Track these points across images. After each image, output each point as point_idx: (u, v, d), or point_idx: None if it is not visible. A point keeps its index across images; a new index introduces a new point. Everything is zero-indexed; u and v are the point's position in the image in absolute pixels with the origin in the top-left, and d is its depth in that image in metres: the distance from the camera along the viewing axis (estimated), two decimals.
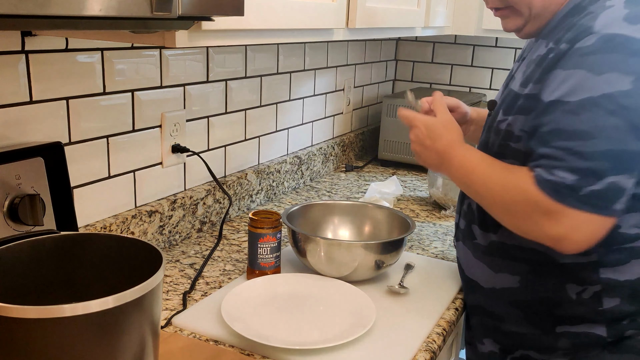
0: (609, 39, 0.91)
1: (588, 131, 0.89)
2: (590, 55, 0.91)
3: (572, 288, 1.02)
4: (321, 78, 1.98)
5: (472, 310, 1.20)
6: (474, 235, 1.13)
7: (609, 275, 0.99)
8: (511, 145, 1.03)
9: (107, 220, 1.25)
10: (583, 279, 1.00)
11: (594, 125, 0.89)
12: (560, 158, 0.91)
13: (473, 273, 1.15)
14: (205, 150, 1.51)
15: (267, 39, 1.08)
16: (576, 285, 1.01)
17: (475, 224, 1.13)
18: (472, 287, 1.17)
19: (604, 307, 1.00)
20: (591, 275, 1.00)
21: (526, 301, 1.07)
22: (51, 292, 0.84)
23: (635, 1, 0.94)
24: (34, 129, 1.08)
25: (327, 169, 2.08)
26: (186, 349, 0.98)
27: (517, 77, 1.08)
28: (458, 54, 2.43)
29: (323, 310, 1.12)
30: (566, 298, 1.02)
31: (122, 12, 0.68)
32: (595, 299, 1.01)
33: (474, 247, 1.13)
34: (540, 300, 1.05)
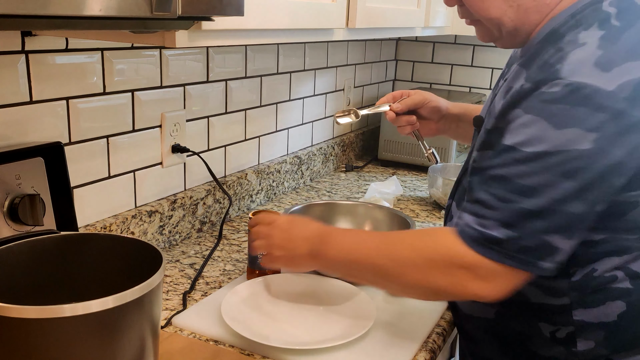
0: (576, 89, 0.81)
1: (533, 187, 0.84)
2: (553, 104, 0.83)
3: (545, 327, 0.97)
4: (321, 78, 1.98)
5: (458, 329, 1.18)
6: None
7: (583, 318, 0.94)
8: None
9: (107, 220, 1.25)
10: (556, 319, 0.96)
11: (542, 182, 0.83)
12: (495, 207, 0.86)
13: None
14: (205, 150, 1.51)
15: (267, 39, 1.08)
16: (549, 325, 0.97)
17: None
18: (453, 307, 1.15)
19: (578, 348, 0.96)
20: (564, 317, 0.95)
21: (502, 332, 1.04)
22: (51, 292, 0.84)
23: (613, 37, 0.85)
24: (34, 129, 1.08)
25: (327, 169, 2.08)
26: (186, 349, 0.98)
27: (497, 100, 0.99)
28: (458, 54, 2.43)
29: (323, 310, 1.12)
30: (540, 335, 0.98)
31: (122, 12, 0.68)
32: (569, 340, 0.96)
33: None
34: (515, 334, 1.02)
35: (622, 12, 0.87)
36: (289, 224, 1.04)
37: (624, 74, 0.82)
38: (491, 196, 0.87)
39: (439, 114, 1.29)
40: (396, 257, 0.93)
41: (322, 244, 0.99)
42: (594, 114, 0.81)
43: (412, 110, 1.29)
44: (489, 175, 0.88)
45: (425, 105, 1.27)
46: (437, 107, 1.28)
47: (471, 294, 0.89)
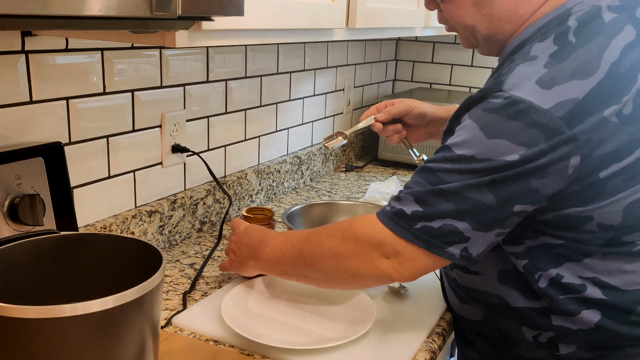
0: (513, 102, 0.83)
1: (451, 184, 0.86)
2: (490, 113, 0.85)
3: (527, 331, 0.98)
4: (321, 78, 1.98)
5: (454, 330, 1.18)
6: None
7: (562, 324, 0.94)
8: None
9: (107, 220, 1.25)
10: (536, 324, 0.96)
11: (461, 184, 0.85)
12: (411, 187, 0.90)
13: (447, 296, 1.14)
14: (205, 150, 1.51)
15: (267, 39, 1.08)
16: (531, 329, 0.97)
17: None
18: (449, 309, 1.16)
19: (561, 352, 0.96)
20: (544, 321, 0.95)
21: (490, 335, 1.04)
22: (51, 292, 0.84)
23: (563, 54, 0.85)
24: (34, 129, 1.08)
25: (327, 169, 2.08)
26: (186, 349, 0.98)
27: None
28: (458, 54, 2.43)
29: (323, 310, 1.12)
30: (524, 340, 0.99)
31: (122, 12, 0.68)
32: (551, 344, 0.97)
33: (445, 273, 1.12)
34: (502, 337, 1.02)
35: (582, 26, 0.87)
36: (244, 232, 1.12)
37: (565, 93, 0.82)
38: (413, 182, 0.90)
39: (425, 119, 1.29)
40: (315, 244, 0.97)
41: (259, 246, 1.06)
42: (527, 129, 0.82)
43: (398, 119, 1.30)
44: (422, 167, 0.91)
45: (409, 113, 1.27)
46: (422, 113, 1.28)
47: (383, 274, 0.91)
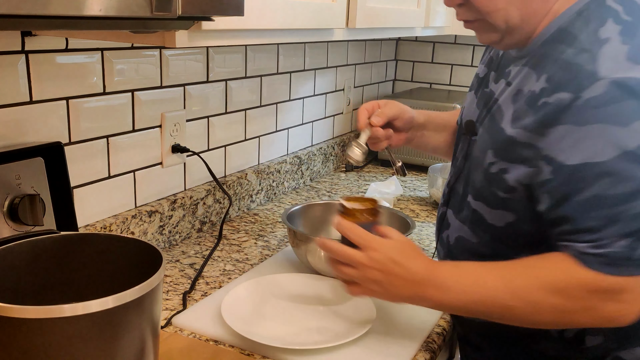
0: (621, 85, 0.80)
1: (631, 192, 0.81)
2: (606, 106, 0.81)
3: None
4: (321, 78, 1.98)
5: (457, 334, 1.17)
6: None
7: None
8: (499, 194, 0.94)
9: (107, 220, 1.25)
10: None
11: (635, 182, 0.81)
12: (605, 228, 0.83)
13: None
14: (205, 150, 1.51)
15: (267, 39, 1.08)
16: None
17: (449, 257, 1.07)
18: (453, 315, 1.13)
19: (587, 345, 0.96)
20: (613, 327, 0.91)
21: (506, 336, 1.03)
22: (51, 292, 0.84)
23: (630, 31, 0.85)
24: (34, 129, 1.08)
25: (327, 169, 2.08)
26: (186, 349, 0.98)
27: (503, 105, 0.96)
28: (458, 54, 2.43)
29: (323, 310, 1.12)
30: (547, 336, 0.98)
31: (122, 12, 0.68)
32: (577, 338, 0.96)
33: None
34: (521, 337, 1.01)
35: (627, 8, 0.87)
36: (389, 259, 0.92)
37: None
38: (595, 220, 0.83)
39: (411, 124, 1.22)
40: (527, 298, 0.87)
41: (431, 288, 0.91)
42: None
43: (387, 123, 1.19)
44: (577, 201, 0.84)
45: (400, 117, 1.18)
46: (411, 117, 1.21)
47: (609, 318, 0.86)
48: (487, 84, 1.06)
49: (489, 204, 0.96)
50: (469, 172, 1.03)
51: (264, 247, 1.43)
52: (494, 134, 0.96)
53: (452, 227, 1.07)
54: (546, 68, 0.89)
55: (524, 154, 0.89)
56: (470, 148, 1.04)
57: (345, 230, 0.96)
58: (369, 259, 0.92)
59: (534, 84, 0.90)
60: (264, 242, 1.45)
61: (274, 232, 1.52)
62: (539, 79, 0.90)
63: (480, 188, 0.98)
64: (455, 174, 1.08)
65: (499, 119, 0.95)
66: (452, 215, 1.07)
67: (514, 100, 0.93)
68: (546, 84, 0.87)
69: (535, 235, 0.93)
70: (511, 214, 0.94)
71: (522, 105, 0.91)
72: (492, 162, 0.94)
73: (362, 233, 0.95)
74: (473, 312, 0.92)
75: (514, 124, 0.91)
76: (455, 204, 1.07)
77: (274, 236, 1.50)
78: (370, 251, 0.93)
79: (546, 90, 0.87)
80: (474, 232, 1.01)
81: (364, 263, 0.92)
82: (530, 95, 0.90)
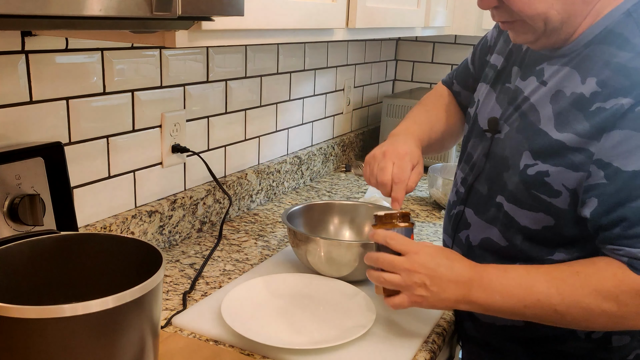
0: None
1: None
2: None
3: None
4: (321, 78, 1.98)
5: (466, 338, 1.15)
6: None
7: None
8: (543, 198, 0.91)
9: (107, 220, 1.25)
10: None
11: None
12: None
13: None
14: (205, 150, 1.51)
15: (267, 39, 1.08)
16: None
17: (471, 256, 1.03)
18: (468, 316, 1.11)
19: (613, 345, 0.96)
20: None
21: (530, 338, 1.02)
22: (51, 292, 0.84)
23: None
24: (34, 129, 1.08)
25: (327, 169, 2.08)
26: (186, 349, 0.98)
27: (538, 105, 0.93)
28: (458, 54, 2.43)
29: (323, 310, 1.12)
30: (574, 337, 0.97)
31: (122, 12, 0.68)
32: (604, 339, 0.96)
33: None
34: (545, 338, 1.00)
35: None
36: (432, 259, 0.91)
37: None
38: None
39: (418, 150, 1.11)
40: (579, 303, 0.86)
41: (477, 289, 0.90)
42: None
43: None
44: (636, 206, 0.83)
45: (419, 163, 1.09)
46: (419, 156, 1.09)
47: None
48: (509, 79, 1.03)
49: (525, 207, 0.94)
50: (494, 172, 1.00)
51: (264, 247, 1.43)
52: (531, 136, 0.93)
53: (473, 227, 1.05)
54: (593, 70, 0.87)
55: (574, 159, 0.87)
56: (493, 146, 1.01)
57: (383, 237, 0.94)
58: (413, 262, 0.90)
59: (578, 85, 0.88)
60: (264, 242, 1.45)
61: (274, 232, 1.52)
62: (585, 81, 0.88)
63: (514, 190, 0.95)
64: (474, 173, 1.05)
65: (535, 119, 0.93)
66: (472, 215, 1.05)
67: (553, 101, 0.91)
68: (598, 88, 0.86)
69: (569, 238, 0.92)
70: (550, 218, 0.92)
71: (567, 108, 0.89)
72: (530, 165, 0.92)
73: (402, 239, 0.93)
74: (520, 316, 0.90)
75: (562, 127, 0.89)
76: (476, 204, 1.04)
77: (274, 236, 1.50)
78: (413, 255, 0.91)
79: (600, 95, 0.85)
80: (504, 235, 0.99)
81: (408, 268, 0.90)
82: (578, 99, 0.88)
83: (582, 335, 0.97)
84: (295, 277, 1.21)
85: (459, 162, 1.14)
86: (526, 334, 1.02)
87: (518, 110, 0.97)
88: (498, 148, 1.00)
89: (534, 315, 0.89)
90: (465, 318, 1.13)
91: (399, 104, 2.14)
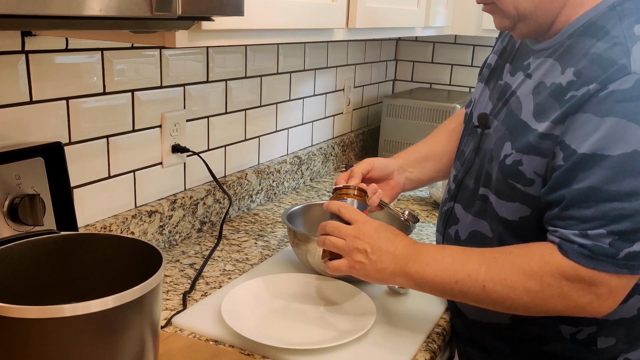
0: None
1: (630, 191, 0.80)
2: (630, 101, 0.80)
3: (565, 329, 0.97)
4: (321, 78, 1.98)
5: (457, 336, 1.16)
6: None
7: (607, 317, 0.93)
8: (518, 187, 0.93)
9: (107, 220, 1.25)
10: (578, 321, 0.95)
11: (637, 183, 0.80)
12: (595, 220, 0.83)
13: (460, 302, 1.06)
14: (205, 150, 1.51)
15: (267, 39, 1.08)
16: (570, 327, 0.96)
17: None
18: (457, 314, 1.12)
19: (598, 346, 0.96)
20: (588, 317, 0.93)
21: (516, 337, 1.03)
22: (51, 292, 0.84)
23: None
24: (34, 129, 1.08)
25: (327, 169, 2.08)
26: (186, 349, 0.98)
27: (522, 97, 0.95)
28: (458, 54, 2.43)
29: (323, 310, 1.12)
30: (559, 338, 0.98)
31: (122, 12, 0.68)
32: (589, 340, 0.96)
33: None
34: (531, 338, 1.01)
35: None
36: (376, 231, 0.97)
37: None
38: (588, 210, 0.83)
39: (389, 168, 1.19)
40: (505, 281, 0.88)
41: (414, 263, 0.94)
42: None
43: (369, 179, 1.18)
44: (576, 189, 0.84)
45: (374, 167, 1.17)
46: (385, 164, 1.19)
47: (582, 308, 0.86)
48: (501, 76, 1.04)
49: (503, 197, 0.95)
50: (481, 165, 1.01)
51: (264, 247, 1.43)
52: (512, 126, 0.94)
53: (461, 222, 1.05)
54: (572, 61, 0.88)
55: (542, 145, 0.88)
56: (482, 141, 1.02)
57: (337, 207, 1.01)
58: (358, 231, 0.97)
59: (558, 76, 0.89)
60: (264, 242, 1.45)
61: (274, 232, 1.52)
62: (565, 71, 0.89)
63: (496, 181, 0.97)
64: (464, 169, 1.07)
65: (517, 111, 0.94)
66: (460, 210, 1.06)
67: (534, 93, 0.92)
68: (574, 77, 0.87)
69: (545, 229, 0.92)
70: (526, 208, 0.93)
71: (545, 98, 0.90)
72: (508, 154, 0.93)
73: (353, 210, 1.00)
74: (450, 293, 0.93)
75: (539, 117, 0.90)
76: (464, 198, 1.05)
77: (274, 236, 1.50)
78: (360, 224, 0.98)
79: (574, 84, 0.86)
80: (490, 227, 1.00)
81: (353, 234, 0.97)
82: (555, 88, 0.89)
83: (566, 335, 0.97)
84: (295, 277, 1.21)
85: (454, 161, 1.15)
86: (512, 333, 1.03)
87: (506, 104, 0.99)
88: (486, 143, 1.01)
89: (462, 291, 0.91)
90: (454, 315, 1.13)
91: (399, 104, 2.14)
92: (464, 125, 1.14)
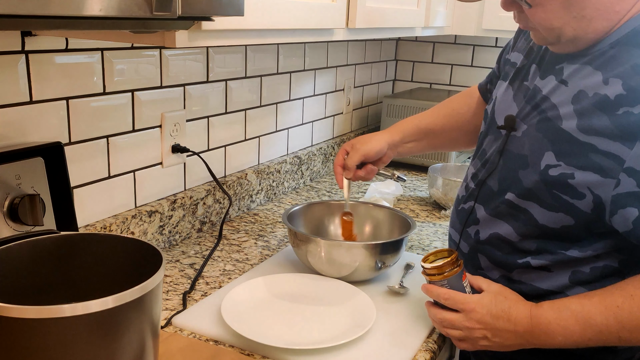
0: None
1: None
2: None
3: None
4: (321, 78, 1.98)
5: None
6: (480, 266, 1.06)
7: None
8: (565, 199, 0.91)
9: (107, 220, 1.25)
10: None
11: None
12: None
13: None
14: (205, 150, 1.51)
15: (267, 39, 1.08)
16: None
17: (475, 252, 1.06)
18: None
19: (618, 347, 0.97)
20: None
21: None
22: (51, 292, 0.84)
23: None
24: (34, 129, 1.08)
25: (327, 169, 2.08)
26: (186, 349, 0.98)
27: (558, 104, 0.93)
28: (458, 54, 2.43)
29: (323, 310, 1.12)
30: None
31: (122, 12, 0.68)
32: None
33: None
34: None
35: None
36: (488, 314, 0.95)
37: None
38: None
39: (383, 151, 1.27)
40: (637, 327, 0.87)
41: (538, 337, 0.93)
42: None
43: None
44: None
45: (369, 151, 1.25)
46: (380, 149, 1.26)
47: None
48: (527, 77, 1.03)
49: (544, 206, 0.94)
50: (507, 169, 1.00)
51: (264, 247, 1.43)
52: (553, 135, 0.93)
53: (482, 223, 1.05)
54: (616, 71, 0.87)
55: (603, 164, 0.87)
56: (509, 144, 1.01)
57: (438, 297, 0.99)
58: (470, 320, 0.96)
59: (601, 86, 0.88)
60: (264, 242, 1.45)
61: (274, 232, 1.52)
62: (609, 81, 0.87)
63: (533, 189, 0.95)
64: (487, 170, 1.05)
65: (556, 119, 0.93)
66: (482, 212, 1.05)
67: (574, 101, 0.91)
68: (624, 91, 0.85)
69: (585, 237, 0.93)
70: (570, 218, 0.92)
71: (590, 109, 0.89)
72: (552, 166, 0.92)
73: (455, 298, 0.97)
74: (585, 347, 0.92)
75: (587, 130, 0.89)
76: (487, 200, 1.04)
77: (274, 236, 1.50)
78: (470, 313, 0.96)
79: (627, 99, 0.85)
80: (517, 231, 0.99)
81: (467, 326, 0.96)
82: (601, 100, 0.88)
83: None
84: (295, 277, 1.21)
85: (472, 158, 1.14)
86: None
87: (537, 109, 0.97)
88: (514, 146, 1.00)
89: (599, 344, 0.90)
90: None
91: (399, 104, 2.14)
92: (484, 123, 1.13)
